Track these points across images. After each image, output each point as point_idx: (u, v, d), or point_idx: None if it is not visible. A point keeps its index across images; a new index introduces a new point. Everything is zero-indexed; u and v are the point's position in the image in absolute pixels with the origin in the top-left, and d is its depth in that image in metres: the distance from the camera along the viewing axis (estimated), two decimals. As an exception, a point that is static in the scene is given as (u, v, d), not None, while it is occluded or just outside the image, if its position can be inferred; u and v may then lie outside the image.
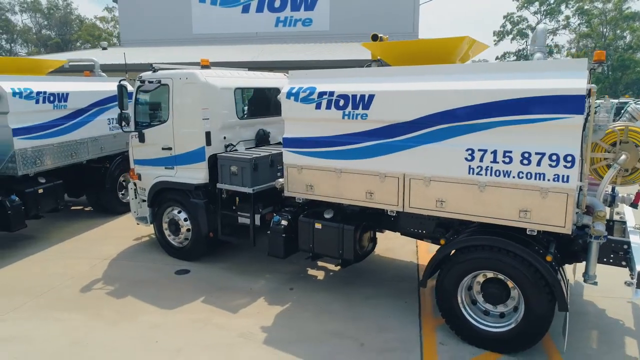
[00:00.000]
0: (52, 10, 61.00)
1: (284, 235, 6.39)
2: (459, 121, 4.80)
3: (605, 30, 49.64)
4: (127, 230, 9.17)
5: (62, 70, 10.92)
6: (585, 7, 48.68)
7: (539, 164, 4.49)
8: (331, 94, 5.59)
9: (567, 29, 52.06)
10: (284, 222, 6.43)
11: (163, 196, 7.61)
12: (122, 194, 10.43)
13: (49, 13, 61.03)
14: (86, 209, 10.76)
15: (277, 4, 18.98)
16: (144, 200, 8.07)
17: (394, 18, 17.75)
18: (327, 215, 6.13)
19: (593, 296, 6.20)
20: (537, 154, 4.48)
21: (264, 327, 5.55)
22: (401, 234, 6.66)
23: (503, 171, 4.67)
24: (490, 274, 5.05)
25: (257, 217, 6.79)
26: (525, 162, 4.55)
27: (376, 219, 6.25)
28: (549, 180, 4.46)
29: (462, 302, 5.14)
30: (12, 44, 61.58)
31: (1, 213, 7.50)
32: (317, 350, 5.05)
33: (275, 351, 5.04)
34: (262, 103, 8.08)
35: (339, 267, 7.27)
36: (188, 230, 7.43)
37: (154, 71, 7.43)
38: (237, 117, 7.46)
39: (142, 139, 7.56)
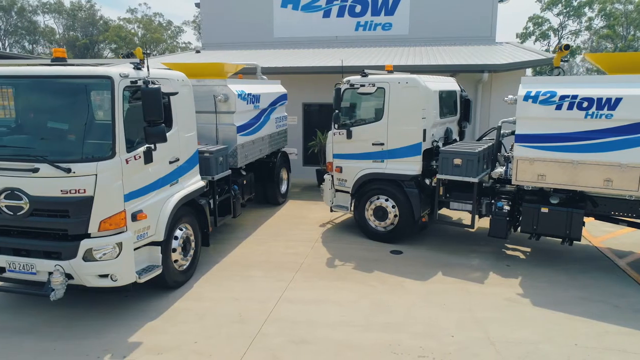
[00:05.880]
0: (76, 11, 61.75)
1: (507, 218, 7.45)
2: None
3: (623, 30, 50.84)
4: (304, 218, 10.23)
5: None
6: (608, 8, 49.90)
7: None
8: (574, 97, 6.62)
9: (588, 31, 53.36)
10: (506, 207, 7.47)
11: (367, 186, 8.62)
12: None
13: (73, 14, 61.74)
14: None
15: (357, 9, 19.95)
16: (337, 191, 9.10)
17: (472, 23, 18.74)
18: (554, 201, 7.17)
19: None
20: None
21: (518, 294, 6.57)
22: (595, 219, 7.71)
23: None
24: None
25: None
26: None
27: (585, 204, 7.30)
28: None
29: (700, 270, 6.20)
30: (34, 45, 62.37)
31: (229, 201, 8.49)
32: (584, 310, 6.05)
33: (548, 310, 6.05)
34: (447, 104, 9.11)
35: (530, 248, 8.32)
36: (395, 216, 8.44)
37: (364, 76, 8.43)
38: (439, 116, 8.49)
39: (349, 135, 8.56)
